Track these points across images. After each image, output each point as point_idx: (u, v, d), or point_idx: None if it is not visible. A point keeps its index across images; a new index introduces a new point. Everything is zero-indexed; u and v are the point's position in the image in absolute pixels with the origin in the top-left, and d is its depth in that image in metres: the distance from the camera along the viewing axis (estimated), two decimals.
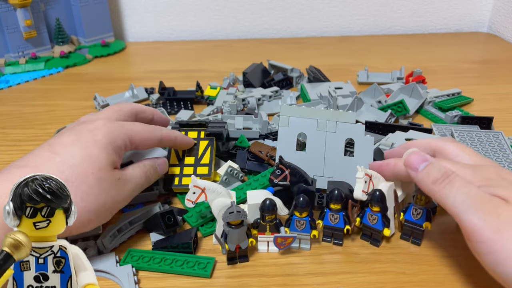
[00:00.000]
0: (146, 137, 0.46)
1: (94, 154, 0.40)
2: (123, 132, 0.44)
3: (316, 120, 0.51)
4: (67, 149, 0.40)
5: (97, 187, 0.39)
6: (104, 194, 0.40)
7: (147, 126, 0.47)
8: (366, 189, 0.43)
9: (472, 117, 0.64)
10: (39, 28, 0.93)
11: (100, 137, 0.42)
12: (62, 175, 0.38)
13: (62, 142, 0.41)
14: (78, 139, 0.41)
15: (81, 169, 0.39)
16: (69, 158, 0.39)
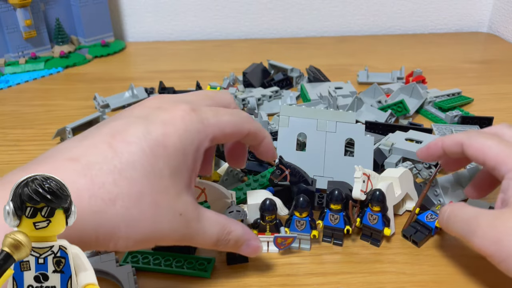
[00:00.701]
0: (231, 132, 0.36)
1: (158, 167, 0.31)
2: (205, 133, 0.34)
3: (316, 120, 0.51)
4: (129, 149, 0.31)
5: (150, 214, 0.31)
6: (153, 226, 0.31)
7: (234, 114, 0.37)
8: (365, 188, 0.43)
9: (472, 117, 0.64)
10: (39, 28, 0.92)
11: (173, 139, 0.32)
12: (116, 188, 0.30)
13: (126, 134, 0.31)
14: (145, 135, 0.31)
15: (138, 187, 0.30)
16: (128, 168, 0.30)
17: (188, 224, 0.33)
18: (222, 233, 0.35)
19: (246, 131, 0.37)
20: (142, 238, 0.31)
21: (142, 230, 0.31)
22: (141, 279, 0.40)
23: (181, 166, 0.32)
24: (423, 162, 0.52)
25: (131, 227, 0.30)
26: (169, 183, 0.32)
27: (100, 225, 0.29)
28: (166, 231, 0.32)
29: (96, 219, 0.29)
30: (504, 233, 0.32)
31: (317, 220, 0.43)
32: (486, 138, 0.38)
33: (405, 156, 0.52)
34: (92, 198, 0.29)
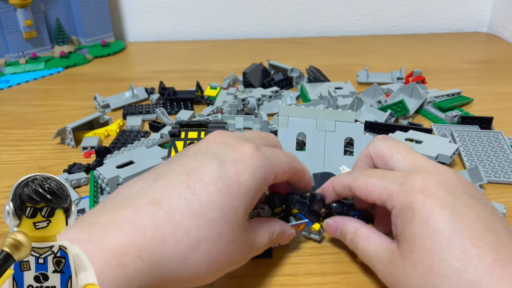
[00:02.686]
0: (286, 170, 0.38)
1: (234, 206, 0.32)
2: (271, 170, 0.35)
3: (315, 119, 0.51)
4: (207, 189, 0.31)
5: (226, 252, 0.32)
6: (230, 259, 0.33)
7: (287, 155, 0.39)
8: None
9: (472, 117, 0.64)
10: (39, 28, 0.93)
11: (245, 177, 0.33)
12: (199, 233, 0.31)
13: (201, 173, 0.32)
14: (220, 174, 0.32)
15: (217, 229, 0.31)
16: (208, 210, 0.31)
17: (251, 247, 0.35)
18: (271, 236, 0.37)
19: (295, 169, 0.39)
20: (218, 272, 0.33)
21: (220, 266, 0.32)
22: None
23: (252, 202, 0.34)
24: None
25: (211, 267, 0.32)
26: (241, 219, 0.33)
27: (184, 269, 0.30)
28: (238, 262, 0.34)
29: (181, 264, 0.30)
30: (397, 280, 0.33)
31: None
32: (368, 176, 0.37)
33: None
34: (177, 244, 0.30)
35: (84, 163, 0.56)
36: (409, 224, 0.32)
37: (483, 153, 0.56)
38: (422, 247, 0.31)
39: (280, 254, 0.43)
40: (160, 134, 0.62)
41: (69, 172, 0.54)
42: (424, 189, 0.33)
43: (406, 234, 0.32)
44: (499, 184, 0.52)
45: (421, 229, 0.31)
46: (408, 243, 0.32)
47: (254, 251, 0.36)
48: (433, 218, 0.31)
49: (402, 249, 0.33)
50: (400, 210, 0.33)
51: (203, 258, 0.31)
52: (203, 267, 0.31)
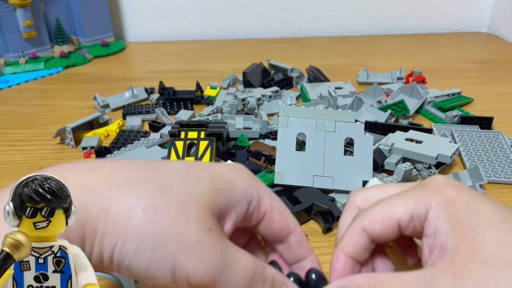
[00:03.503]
0: (280, 210, 0.32)
1: (195, 178, 0.29)
2: (257, 182, 0.31)
3: (315, 120, 0.51)
4: (170, 162, 0.31)
5: (173, 208, 0.27)
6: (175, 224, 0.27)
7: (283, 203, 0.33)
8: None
9: (472, 117, 0.64)
10: (39, 28, 0.93)
11: (220, 170, 0.30)
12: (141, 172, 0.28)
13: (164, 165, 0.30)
14: (193, 162, 0.31)
15: (168, 180, 0.28)
16: (162, 165, 0.30)
17: (220, 243, 0.28)
18: (257, 266, 0.29)
19: (292, 226, 0.33)
20: (161, 238, 0.26)
21: (164, 225, 0.26)
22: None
23: (223, 191, 0.29)
24: (423, 162, 0.52)
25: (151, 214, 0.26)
26: (205, 195, 0.28)
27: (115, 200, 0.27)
28: (192, 240, 0.26)
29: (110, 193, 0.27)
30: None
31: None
32: (379, 204, 0.31)
33: (405, 156, 0.52)
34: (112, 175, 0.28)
35: None
36: (456, 219, 0.27)
37: (483, 153, 0.56)
38: (489, 238, 0.26)
39: None
40: (160, 134, 0.62)
41: None
42: (449, 184, 0.29)
43: (460, 232, 0.26)
44: (499, 184, 0.52)
45: (476, 219, 0.27)
46: (468, 240, 0.26)
47: (228, 262, 0.27)
48: (480, 208, 0.27)
49: (461, 251, 0.26)
50: (438, 209, 0.28)
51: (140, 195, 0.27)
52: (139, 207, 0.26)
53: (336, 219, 0.45)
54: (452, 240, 0.26)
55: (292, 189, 0.49)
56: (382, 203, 0.31)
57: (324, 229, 0.45)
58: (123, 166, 0.29)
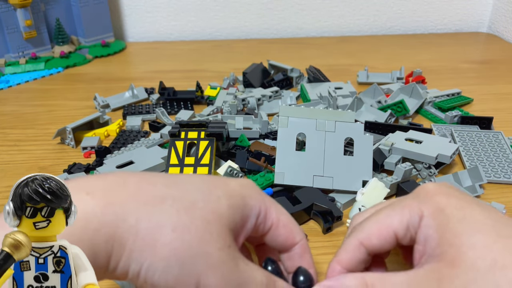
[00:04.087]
0: (286, 223, 0.33)
1: (215, 194, 0.30)
2: (264, 197, 0.33)
3: (315, 120, 0.51)
4: (189, 176, 0.32)
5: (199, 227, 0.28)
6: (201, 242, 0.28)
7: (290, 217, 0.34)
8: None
9: (472, 117, 0.64)
10: (39, 28, 0.93)
11: (234, 185, 0.32)
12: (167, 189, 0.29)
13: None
14: (208, 176, 0.33)
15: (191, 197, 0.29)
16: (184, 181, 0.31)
17: (237, 261, 0.29)
18: (270, 281, 0.30)
19: (297, 238, 0.33)
20: (189, 255, 0.27)
21: (191, 243, 0.27)
22: None
23: (238, 206, 0.30)
24: (423, 162, 0.52)
25: (180, 233, 0.27)
26: (224, 211, 0.29)
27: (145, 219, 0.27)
28: (215, 258, 0.27)
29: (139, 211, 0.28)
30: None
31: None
32: (374, 216, 0.32)
33: (404, 156, 0.52)
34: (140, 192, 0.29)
35: (84, 163, 0.56)
36: (446, 226, 0.28)
37: (483, 153, 0.56)
38: (475, 244, 0.27)
39: None
40: (160, 134, 0.62)
41: (69, 172, 0.54)
42: (440, 191, 0.30)
43: (448, 238, 0.28)
44: (499, 184, 0.52)
45: (464, 225, 0.27)
46: (456, 246, 0.27)
47: (244, 276, 0.29)
48: (469, 214, 0.28)
49: (449, 257, 0.27)
50: (429, 217, 0.29)
51: (168, 214, 0.27)
52: (168, 226, 0.27)
53: (336, 219, 0.45)
54: (440, 247, 0.28)
55: (292, 189, 0.49)
56: (377, 215, 0.32)
57: (324, 229, 0.45)
58: (148, 182, 0.29)
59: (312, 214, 0.46)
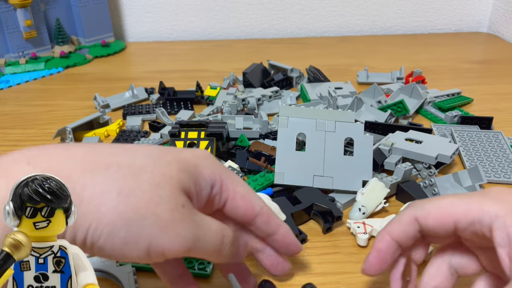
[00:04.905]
0: (243, 194, 0.33)
1: (165, 160, 0.30)
2: (220, 167, 0.33)
3: (315, 120, 0.51)
4: (139, 145, 0.32)
5: (146, 190, 0.28)
6: (149, 205, 0.27)
7: (249, 187, 0.35)
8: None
9: (472, 117, 0.64)
10: (39, 28, 0.93)
11: (187, 154, 0.32)
12: (113, 157, 0.29)
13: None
14: (159, 147, 0.32)
15: (140, 163, 0.29)
16: (133, 150, 0.30)
17: (192, 217, 0.29)
18: (224, 229, 0.32)
19: (257, 209, 0.34)
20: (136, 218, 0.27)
21: (138, 206, 0.27)
22: (141, 279, 0.40)
23: (190, 172, 0.31)
24: (423, 162, 0.52)
25: (125, 196, 0.27)
26: (175, 174, 0.29)
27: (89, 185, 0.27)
28: (166, 219, 0.28)
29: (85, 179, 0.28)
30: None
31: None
32: (439, 199, 0.31)
33: (404, 156, 0.52)
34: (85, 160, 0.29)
35: None
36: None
37: (483, 153, 0.56)
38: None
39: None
40: (160, 134, 0.62)
41: None
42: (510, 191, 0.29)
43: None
44: (499, 184, 0.52)
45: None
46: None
47: (201, 230, 0.30)
48: None
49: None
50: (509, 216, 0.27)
51: (112, 179, 0.28)
52: (112, 190, 0.27)
53: (336, 219, 0.45)
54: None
55: (292, 189, 0.49)
56: (440, 201, 0.31)
57: (324, 229, 0.45)
58: (95, 151, 0.29)
59: (312, 214, 0.46)
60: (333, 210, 0.45)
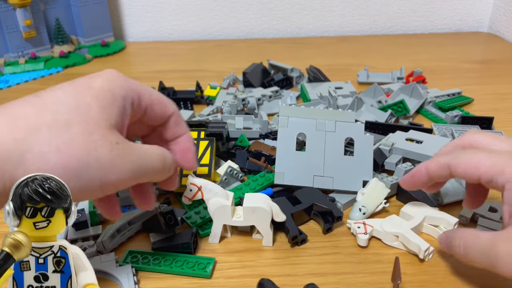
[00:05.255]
0: (158, 100, 0.37)
1: (86, 101, 0.32)
2: (131, 87, 0.35)
3: (315, 120, 0.51)
4: (54, 93, 0.33)
5: (81, 140, 0.30)
6: (88, 152, 0.30)
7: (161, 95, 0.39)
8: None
9: (472, 117, 0.64)
10: (39, 28, 0.92)
11: (100, 81, 0.34)
12: (40, 119, 0.30)
13: (51, 89, 0.34)
14: (70, 84, 0.34)
15: (65, 117, 0.31)
16: (53, 103, 0.32)
17: (130, 150, 0.33)
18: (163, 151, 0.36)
19: (171, 110, 0.38)
20: (81, 167, 0.30)
21: (79, 156, 0.30)
22: (141, 279, 0.40)
23: (110, 103, 0.33)
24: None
25: (64, 151, 0.30)
26: (99, 116, 0.32)
27: (27, 151, 0.29)
28: (108, 159, 0.31)
29: (20, 146, 0.29)
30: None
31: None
32: (473, 153, 0.37)
33: (405, 156, 0.52)
34: (13, 128, 0.30)
35: None
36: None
37: None
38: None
39: (280, 254, 0.43)
40: None
41: None
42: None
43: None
44: None
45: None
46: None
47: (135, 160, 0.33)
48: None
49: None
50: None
51: (48, 140, 0.30)
52: (51, 150, 0.30)
53: (336, 219, 0.45)
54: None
55: (292, 189, 0.49)
56: (472, 155, 0.36)
57: (324, 229, 0.45)
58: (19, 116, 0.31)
59: (312, 214, 0.46)
60: (333, 210, 0.45)
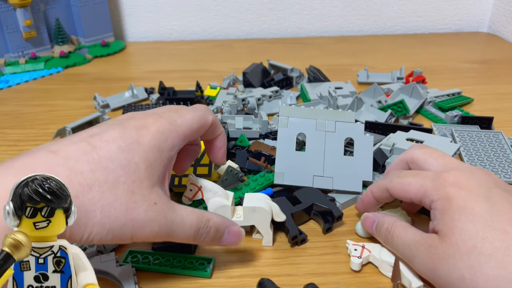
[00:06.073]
0: (198, 126, 0.39)
1: (134, 160, 0.34)
2: (176, 131, 0.37)
3: (315, 120, 0.51)
4: (106, 145, 0.34)
5: (125, 200, 0.33)
6: (126, 212, 0.33)
7: (196, 110, 0.40)
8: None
9: (472, 117, 0.64)
10: (39, 28, 0.93)
11: (147, 138, 0.35)
12: (93, 175, 0.32)
13: (103, 135, 0.35)
14: (121, 136, 0.35)
15: (114, 176, 0.33)
16: (105, 159, 0.33)
17: (165, 214, 0.35)
18: (201, 221, 0.37)
19: (210, 121, 0.41)
20: (117, 225, 0.33)
21: (117, 216, 0.33)
22: (141, 279, 0.40)
23: (156, 161, 0.36)
24: None
25: (106, 212, 0.32)
26: (144, 175, 0.34)
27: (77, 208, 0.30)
28: (142, 220, 0.34)
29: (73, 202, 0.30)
30: (437, 263, 0.34)
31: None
32: (403, 177, 0.40)
33: None
34: (70, 184, 0.31)
35: None
36: (447, 211, 0.35)
37: (483, 153, 0.56)
38: (463, 229, 0.33)
39: (280, 254, 0.43)
40: None
41: None
42: (456, 182, 0.36)
43: (445, 220, 0.34)
44: None
45: (460, 214, 0.34)
46: (448, 227, 0.34)
47: (172, 225, 0.35)
48: (470, 206, 0.34)
49: (442, 233, 0.34)
50: (437, 202, 0.36)
51: (97, 199, 0.32)
52: (97, 210, 0.32)
53: (336, 219, 0.45)
54: (440, 225, 0.35)
55: (292, 189, 0.49)
56: (402, 179, 0.40)
57: (324, 229, 0.45)
58: (76, 172, 0.32)
59: (312, 214, 0.46)
60: (333, 210, 0.45)
